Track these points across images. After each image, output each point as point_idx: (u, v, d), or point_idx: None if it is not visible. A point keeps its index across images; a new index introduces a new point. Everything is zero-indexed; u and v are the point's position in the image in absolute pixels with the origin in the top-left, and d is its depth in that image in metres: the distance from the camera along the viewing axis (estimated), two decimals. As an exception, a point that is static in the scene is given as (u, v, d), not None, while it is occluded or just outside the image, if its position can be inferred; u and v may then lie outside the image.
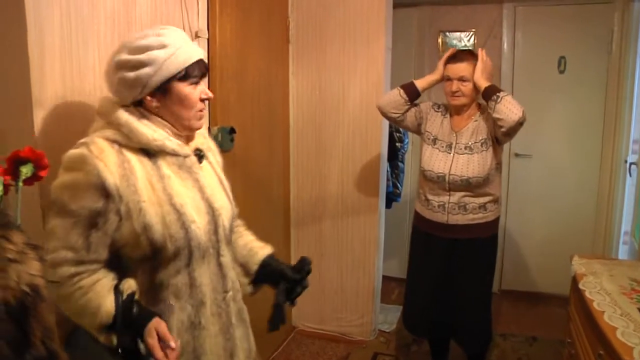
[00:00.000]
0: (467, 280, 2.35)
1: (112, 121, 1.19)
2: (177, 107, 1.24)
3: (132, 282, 1.19)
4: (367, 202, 2.92)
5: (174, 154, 1.27)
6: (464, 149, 2.28)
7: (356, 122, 2.85)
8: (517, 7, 3.52)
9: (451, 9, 3.66)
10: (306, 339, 3.13)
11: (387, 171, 3.09)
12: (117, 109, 1.20)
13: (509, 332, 3.16)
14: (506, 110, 2.08)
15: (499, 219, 2.40)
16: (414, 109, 2.41)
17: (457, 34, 3.68)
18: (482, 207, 2.30)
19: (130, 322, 1.14)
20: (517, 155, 3.65)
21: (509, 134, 2.17)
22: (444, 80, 2.31)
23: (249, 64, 2.37)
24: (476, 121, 2.31)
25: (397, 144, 3.16)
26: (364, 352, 2.98)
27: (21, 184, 0.98)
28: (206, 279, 1.30)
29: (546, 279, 3.67)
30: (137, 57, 1.17)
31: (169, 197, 1.22)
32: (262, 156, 2.61)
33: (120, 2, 1.53)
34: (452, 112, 2.38)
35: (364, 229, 2.96)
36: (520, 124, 2.09)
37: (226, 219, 1.36)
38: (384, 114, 2.42)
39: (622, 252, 3.47)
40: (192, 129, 1.32)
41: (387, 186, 3.11)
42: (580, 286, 2.01)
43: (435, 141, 2.36)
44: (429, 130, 2.39)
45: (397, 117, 2.39)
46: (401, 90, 2.36)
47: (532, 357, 2.94)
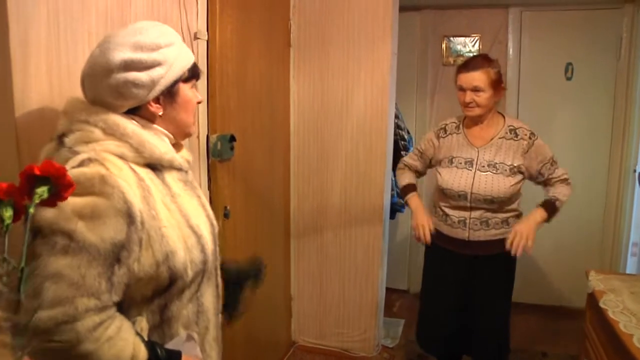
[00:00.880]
0: (487, 297, 2.24)
1: (112, 131, 1.03)
2: (181, 112, 1.14)
3: (144, 322, 1.05)
4: (371, 213, 2.80)
5: (179, 169, 1.16)
6: (487, 166, 2.15)
7: (360, 130, 2.73)
8: (524, 12, 3.43)
9: (455, 14, 3.56)
10: (306, 355, 3.01)
11: (392, 180, 2.97)
12: (112, 115, 1.04)
13: (518, 348, 3.03)
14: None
15: None
16: (421, 161, 2.39)
17: (462, 39, 3.58)
18: (505, 222, 2.19)
19: None
20: (523, 164, 3.54)
21: None
22: (457, 89, 2.18)
23: (249, 68, 2.25)
24: (501, 138, 2.18)
25: (402, 152, 3.05)
26: (366, 370, 2.86)
27: (32, 209, 0.78)
28: (210, 303, 1.20)
29: (553, 291, 3.58)
30: (151, 55, 1.04)
31: (186, 219, 1.11)
32: (263, 165, 2.49)
33: (114, 0, 1.41)
34: (468, 124, 2.25)
35: (367, 241, 2.84)
36: None
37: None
38: None
39: (631, 264, 3.39)
40: (189, 136, 1.22)
41: (392, 196, 2.99)
42: (601, 305, 1.90)
43: (451, 160, 2.23)
44: (442, 156, 2.27)
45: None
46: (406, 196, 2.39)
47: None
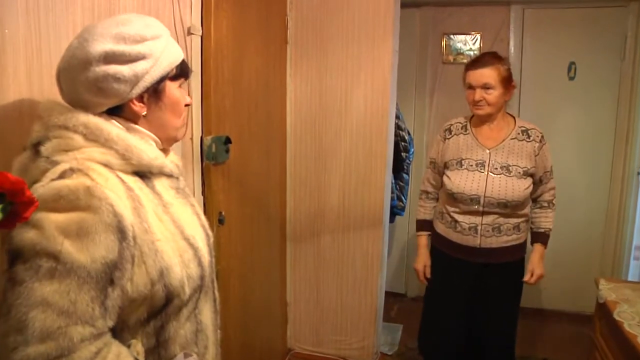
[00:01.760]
0: (497, 306, 2.17)
1: (95, 137, 0.92)
2: (167, 113, 1.03)
3: (139, 345, 0.95)
4: (370, 216, 2.70)
5: (169, 175, 1.05)
6: (500, 168, 2.06)
7: (360, 130, 2.63)
8: (526, 10, 3.34)
9: (456, 11, 3.47)
10: (302, 363, 2.91)
11: (392, 183, 2.88)
12: (93, 118, 0.93)
13: (520, 354, 2.95)
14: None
15: (526, 240, 2.22)
16: (438, 175, 2.28)
17: (462, 36, 3.48)
18: (516, 227, 2.10)
19: None
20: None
21: None
22: (466, 88, 2.09)
23: (245, 66, 2.14)
24: (513, 139, 2.09)
25: (403, 154, 2.95)
26: (365, 378, 2.77)
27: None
28: (208, 320, 1.10)
29: (555, 295, 3.51)
30: (135, 47, 0.94)
31: (180, 231, 1.00)
32: (259, 167, 2.38)
33: (101, -9, 1.30)
34: (476, 123, 2.16)
35: (366, 245, 2.74)
36: None
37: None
38: None
39: (633, 268, 3.34)
40: (176, 140, 1.11)
41: (391, 199, 2.90)
42: (615, 317, 1.83)
43: (461, 162, 2.12)
44: (450, 158, 2.17)
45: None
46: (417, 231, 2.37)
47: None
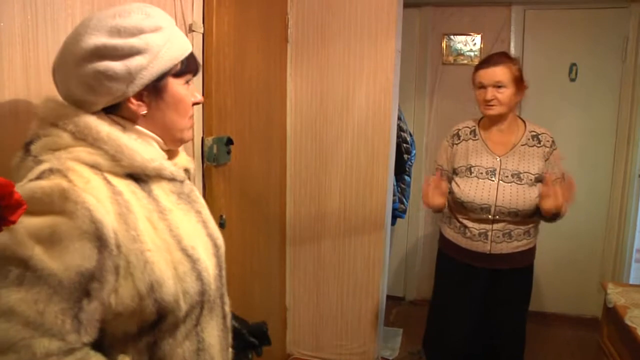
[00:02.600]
0: (507, 311, 2.14)
1: (83, 136, 0.86)
2: (170, 112, 0.96)
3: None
4: (372, 219, 2.65)
5: (171, 179, 0.97)
6: (511, 176, 2.01)
7: (361, 132, 2.58)
8: (527, 11, 3.31)
9: (456, 11, 3.43)
10: (302, 368, 2.86)
11: (393, 185, 2.83)
12: (83, 116, 0.87)
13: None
14: None
15: (536, 245, 2.18)
16: (442, 177, 2.19)
17: (462, 37, 3.45)
18: (527, 232, 2.06)
19: None
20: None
21: None
22: (476, 88, 2.04)
23: (247, 65, 2.08)
24: (524, 145, 2.04)
25: (405, 156, 2.90)
26: (366, 384, 2.71)
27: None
28: (214, 339, 1.01)
29: (555, 299, 3.48)
30: (128, 41, 0.86)
31: (177, 240, 0.92)
32: (260, 169, 2.32)
33: (100, -17, 1.24)
34: (486, 126, 2.11)
35: (367, 249, 2.69)
36: None
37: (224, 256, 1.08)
38: None
39: (635, 270, 3.32)
40: (182, 142, 1.03)
41: (393, 202, 2.85)
42: (627, 322, 1.79)
43: (470, 170, 2.07)
44: (459, 165, 2.12)
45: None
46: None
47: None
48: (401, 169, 2.93)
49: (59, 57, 0.90)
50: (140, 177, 0.92)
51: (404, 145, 2.90)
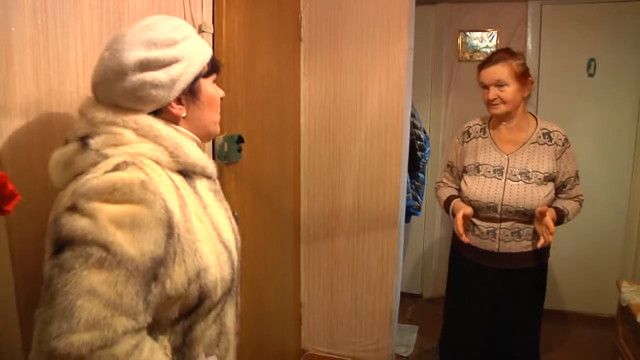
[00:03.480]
0: (519, 313, 2.10)
1: (144, 133, 0.94)
2: (206, 110, 1.05)
3: (166, 341, 0.96)
4: (386, 217, 2.66)
5: (209, 177, 1.06)
6: (519, 175, 1.98)
7: (374, 129, 2.59)
8: (544, 6, 3.27)
9: (472, 7, 3.41)
10: (316, 365, 2.88)
11: (407, 183, 2.83)
12: (143, 116, 0.95)
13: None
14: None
15: (550, 245, 2.13)
16: (454, 176, 2.22)
17: (479, 33, 3.43)
18: (537, 232, 2.02)
19: None
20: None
21: None
22: (480, 88, 2.03)
23: (258, 64, 2.11)
24: (534, 143, 2.01)
25: (419, 153, 2.90)
26: (380, 381, 2.73)
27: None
28: (231, 322, 1.11)
29: (573, 297, 3.44)
30: (168, 51, 0.94)
31: (217, 233, 1.01)
32: (272, 167, 2.35)
33: (109, -13, 1.27)
34: (495, 124, 2.09)
35: (381, 246, 2.70)
36: None
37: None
38: None
39: (655, 270, 3.25)
40: (213, 136, 1.12)
41: (407, 199, 2.85)
42: (639, 321, 1.76)
43: (478, 168, 2.06)
44: (468, 162, 2.11)
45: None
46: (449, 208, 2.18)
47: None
48: (415, 166, 2.93)
49: (97, 75, 0.96)
50: (188, 173, 1.01)
51: (418, 142, 2.90)
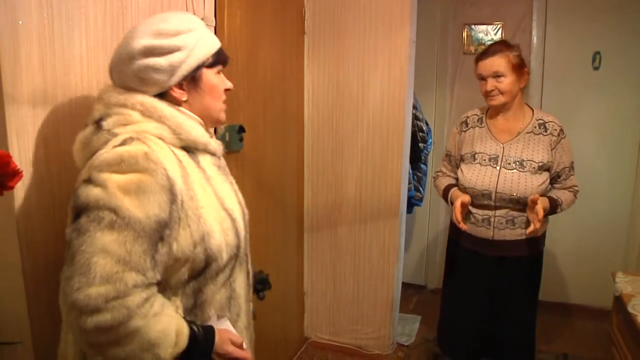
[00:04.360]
0: (514, 301, 2.14)
1: (150, 113, 1.05)
2: (207, 97, 1.15)
3: (178, 301, 1.05)
4: (387, 207, 2.70)
5: (213, 153, 1.16)
6: (513, 163, 2.02)
7: (376, 121, 2.63)
8: (549, -2, 3.28)
9: (477, 0, 3.43)
10: (319, 352, 2.94)
11: (409, 174, 2.87)
12: (148, 98, 1.06)
13: (540, 349, 2.93)
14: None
15: (545, 234, 2.18)
16: (452, 165, 2.27)
17: (483, 27, 3.44)
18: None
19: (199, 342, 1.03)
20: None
21: None
22: (478, 79, 2.07)
23: (260, 56, 2.16)
24: (529, 133, 2.04)
25: (420, 144, 2.94)
26: (381, 368, 2.78)
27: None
28: (241, 289, 1.20)
29: (575, 290, 3.46)
30: (169, 40, 1.05)
31: (220, 202, 1.11)
32: (275, 157, 2.41)
33: (113, -18, 1.33)
34: (492, 115, 2.13)
35: (383, 236, 2.75)
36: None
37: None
38: None
39: (659, 263, 3.25)
40: (219, 123, 1.23)
41: (409, 190, 2.89)
42: (629, 309, 1.80)
43: (474, 156, 2.10)
44: (465, 151, 2.15)
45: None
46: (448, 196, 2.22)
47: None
48: (417, 158, 2.97)
49: (114, 57, 1.08)
50: (191, 149, 1.11)
51: (420, 134, 2.93)
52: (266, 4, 2.19)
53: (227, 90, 1.20)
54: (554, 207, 2.03)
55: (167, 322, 0.97)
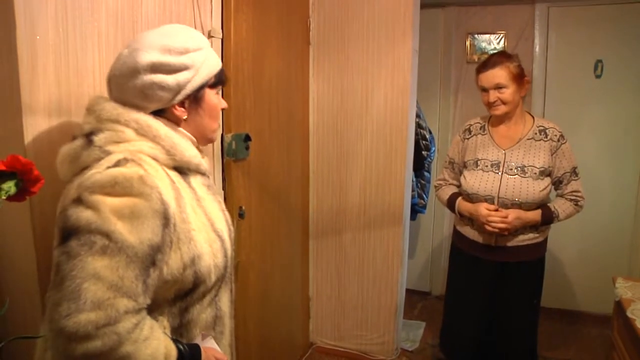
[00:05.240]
0: (516, 306, 2.17)
1: (144, 132, 1.02)
2: (206, 118, 1.14)
3: (166, 321, 1.05)
4: (391, 214, 2.75)
5: (203, 173, 1.16)
6: (515, 169, 2.06)
7: (380, 129, 2.68)
8: (551, 8, 3.32)
9: (480, 10, 3.48)
10: (324, 357, 2.97)
11: (413, 181, 2.91)
12: (144, 115, 1.03)
13: (542, 354, 2.95)
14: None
15: (547, 239, 2.21)
16: (454, 173, 2.31)
17: (486, 36, 3.49)
18: (533, 226, 2.09)
19: None
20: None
21: None
22: (479, 90, 2.12)
23: (266, 66, 2.22)
24: (530, 139, 2.09)
25: (424, 152, 2.98)
26: (385, 373, 2.81)
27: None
28: (226, 308, 1.20)
29: (579, 296, 3.48)
30: (178, 59, 1.04)
31: (211, 223, 1.10)
32: (280, 164, 2.46)
33: (124, -3, 1.39)
34: (494, 122, 2.17)
35: (387, 242, 2.79)
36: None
37: None
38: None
39: (663, 270, 3.26)
40: (212, 141, 1.23)
41: (412, 197, 2.93)
42: (628, 314, 1.83)
43: (477, 163, 2.15)
44: (468, 158, 2.20)
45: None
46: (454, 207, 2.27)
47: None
48: (420, 165, 3.01)
49: (115, 68, 1.05)
50: (183, 170, 1.10)
51: (423, 142, 2.98)
52: (272, 15, 2.26)
53: (222, 109, 1.21)
54: (548, 217, 2.07)
55: (155, 345, 0.95)
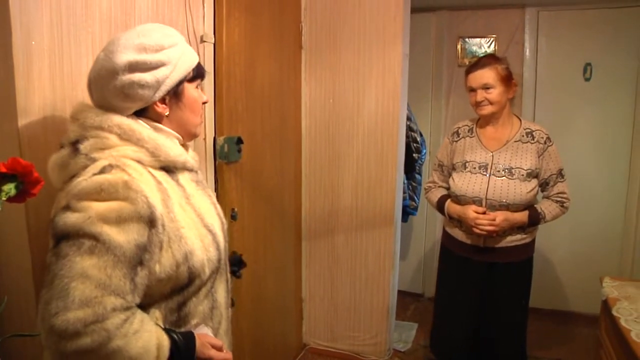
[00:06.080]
0: (504, 307, 2.20)
1: (128, 137, 1.05)
2: (187, 112, 1.16)
3: (157, 312, 1.07)
4: (382, 216, 2.78)
5: (191, 170, 1.19)
6: (502, 171, 2.10)
7: (371, 132, 2.72)
8: (541, 12, 3.37)
9: (471, 14, 3.52)
10: (317, 358, 3.00)
11: (404, 183, 2.95)
12: (126, 120, 1.06)
13: (532, 354, 2.98)
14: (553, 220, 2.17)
15: (535, 240, 2.24)
16: (443, 175, 2.34)
17: (477, 40, 3.53)
18: (521, 227, 2.13)
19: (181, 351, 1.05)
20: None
21: None
22: (468, 91, 2.16)
23: (258, 70, 2.25)
24: (517, 141, 2.12)
25: (415, 155, 3.02)
26: (377, 374, 2.84)
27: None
28: (222, 298, 1.23)
29: (571, 297, 3.51)
30: (155, 56, 1.06)
31: (201, 219, 1.14)
32: (273, 167, 2.49)
33: (117, 3, 1.42)
34: (482, 124, 2.21)
35: (378, 244, 2.82)
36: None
37: None
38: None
39: (653, 268, 3.30)
40: (195, 136, 1.24)
41: (404, 199, 2.97)
42: (614, 312, 1.86)
43: (465, 165, 2.18)
44: (456, 160, 2.24)
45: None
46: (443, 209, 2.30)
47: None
48: (412, 168, 3.05)
49: (93, 73, 1.08)
50: (170, 169, 1.12)
51: (414, 144, 3.01)
52: (264, 20, 2.29)
53: (204, 103, 1.22)
54: (535, 219, 2.11)
55: (147, 337, 0.97)
